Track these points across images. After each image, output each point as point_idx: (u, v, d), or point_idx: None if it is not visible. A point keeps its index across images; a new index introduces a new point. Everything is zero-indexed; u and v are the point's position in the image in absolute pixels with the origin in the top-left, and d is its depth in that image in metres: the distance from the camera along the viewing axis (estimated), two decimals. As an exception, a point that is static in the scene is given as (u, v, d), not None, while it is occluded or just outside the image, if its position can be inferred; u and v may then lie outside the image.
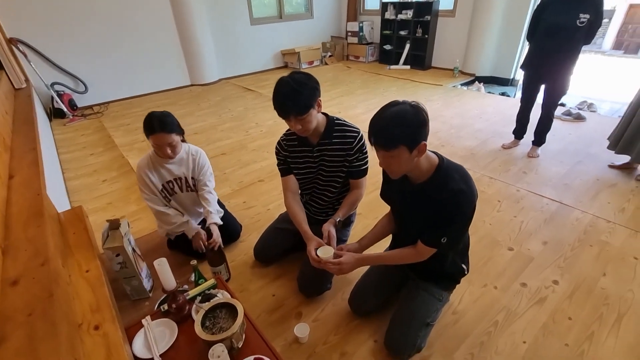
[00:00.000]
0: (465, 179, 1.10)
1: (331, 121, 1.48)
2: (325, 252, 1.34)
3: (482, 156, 2.98)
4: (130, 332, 1.23)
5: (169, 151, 1.62)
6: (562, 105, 4.10)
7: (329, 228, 1.44)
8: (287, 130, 1.54)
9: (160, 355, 1.15)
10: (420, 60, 6.10)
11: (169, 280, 1.21)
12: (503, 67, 5.37)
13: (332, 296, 1.65)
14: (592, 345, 1.37)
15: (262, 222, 2.15)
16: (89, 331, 1.13)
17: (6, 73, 3.31)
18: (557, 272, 1.73)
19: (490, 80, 5.47)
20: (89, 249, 1.49)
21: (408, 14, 5.97)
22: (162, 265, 1.18)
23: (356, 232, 1.90)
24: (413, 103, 1.02)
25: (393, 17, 6.23)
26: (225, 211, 1.98)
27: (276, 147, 1.60)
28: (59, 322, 0.91)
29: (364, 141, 1.48)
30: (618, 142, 2.51)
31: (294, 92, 1.29)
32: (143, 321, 1.26)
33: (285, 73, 1.33)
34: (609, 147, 2.63)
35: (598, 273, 1.72)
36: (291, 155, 1.56)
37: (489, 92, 4.94)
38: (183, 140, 1.71)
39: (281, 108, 1.32)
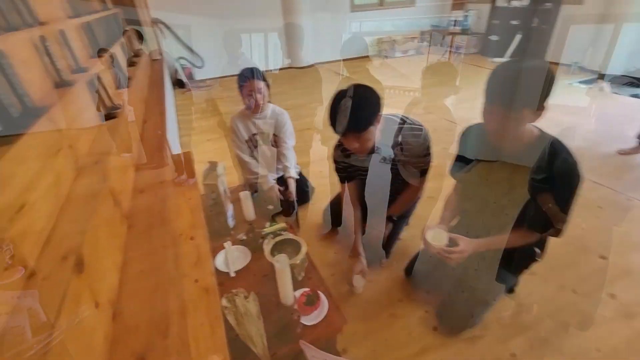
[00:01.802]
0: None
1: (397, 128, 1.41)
2: (439, 239, 1.13)
3: (588, 159, 2.60)
4: (214, 252, 1.49)
5: (258, 97, 1.80)
6: None
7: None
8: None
9: (235, 272, 1.37)
10: (531, 53, 5.46)
11: (250, 211, 1.43)
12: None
13: (389, 265, 1.70)
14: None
15: (334, 189, 2.28)
16: (186, 240, 1.41)
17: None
18: (661, 292, 1.48)
19: (622, 81, 4.61)
20: (193, 183, 1.82)
21: (524, 1, 5.38)
22: (246, 198, 1.39)
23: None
24: None
25: (506, 4, 5.68)
26: (299, 174, 2.16)
27: (334, 158, 1.55)
28: (167, 222, 1.18)
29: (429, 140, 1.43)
30: None
31: (355, 109, 1.20)
32: (225, 244, 1.50)
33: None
34: None
35: None
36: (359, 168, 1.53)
37: (615, 93, 4.19)
38: (269, 101, 1.93)
39: (339, 124, 1.27)
